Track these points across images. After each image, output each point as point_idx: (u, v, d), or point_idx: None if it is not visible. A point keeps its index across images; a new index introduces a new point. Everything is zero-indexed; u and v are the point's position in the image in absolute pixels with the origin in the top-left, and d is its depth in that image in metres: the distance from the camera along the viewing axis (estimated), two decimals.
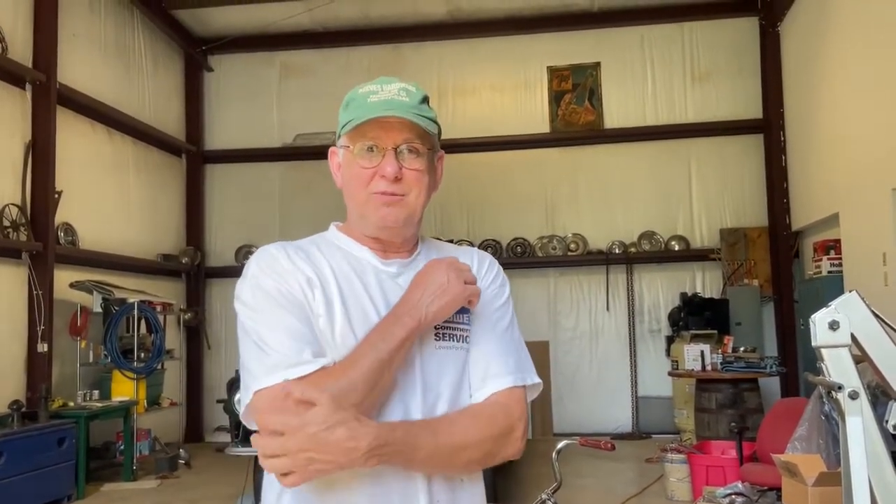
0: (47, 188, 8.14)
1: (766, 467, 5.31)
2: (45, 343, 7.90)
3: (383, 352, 1.38)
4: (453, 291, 1.46)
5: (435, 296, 1.44)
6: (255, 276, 1.47)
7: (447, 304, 1.45)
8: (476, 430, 1.43)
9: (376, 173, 1.47)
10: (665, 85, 11.32)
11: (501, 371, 1.52)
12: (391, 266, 1.55)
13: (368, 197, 1.49)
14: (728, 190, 11.10)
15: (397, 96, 1.49)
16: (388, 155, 1.47)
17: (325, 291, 1.46)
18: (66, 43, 8.80)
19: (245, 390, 1.40)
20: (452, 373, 1.50)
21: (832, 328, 1.73)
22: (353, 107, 1.51)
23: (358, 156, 1.49)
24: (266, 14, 10.84)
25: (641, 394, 10.94)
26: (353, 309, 1.46)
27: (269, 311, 1.43)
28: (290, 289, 1.44)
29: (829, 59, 8.54)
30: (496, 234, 11.38)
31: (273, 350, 1.38)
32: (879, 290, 6.82)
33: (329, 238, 1.60)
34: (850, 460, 1.74)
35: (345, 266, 1.52)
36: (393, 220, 1.49)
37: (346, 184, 1.55)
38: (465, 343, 1.53)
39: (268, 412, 1.28)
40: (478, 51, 11.68)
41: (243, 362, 1.43)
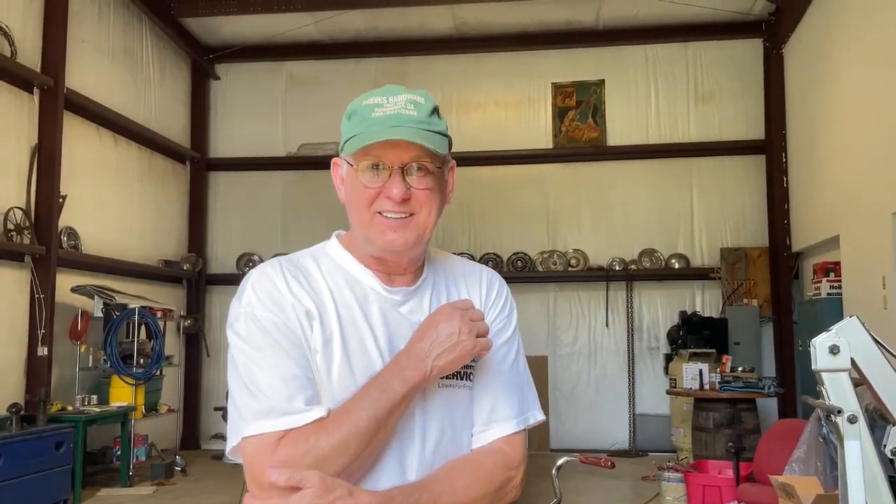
0: (52, 192, 8.17)
1: (762, 488, 5.31)
2: (45, 347, 7.91)
3: (382, 408, 1.30)
4: (465, 348, 1.36)
5: (444, 349, 1.34)
6: (250, 304, 1.37)
7: (455, 361, 1.36)
8: (477, 486, 1.38)
9: (381, 193, 1.38)
10: (668, 104, 11.38)
11: (506, 414, 1.46)
12: (396, 294, 1.45)
13: (373, 218, 1.39)
14: (729, 209, 11.14)
15: (404, 109, 1.37)
16: (394, 175, 1.36)
17: (323, 325, 1.37)
18: (75, 49, 8.86)
19: (233, 429, 1.33)
20: (455, 413, 1.43)
21: (832, 352, 1.76)
22: (356, 120, 1.40)
23: (361, 174, 1.38)
24: (274, 24, 10.91)
25: (639, 411, 10.94)
26: (352, 344, 1.38)
27: (262, 348, 1.33)
28: (287, 322, 1.35)
29: (831, 82, 8.60)
30: (497, 248, 11.41)
31: (263, 394, 1.30)
32: (879, 313, 6.83)
33: (331, 254, 1.50)
34: (848, 484, 1.76)
35: (346, 292, 1.42)
36: (401, 243, 1.39)
37: (349, 200, 1.45)
38: (469, 381, 1.45)
39: (258, 470, 1.26)
40: (483, 66, 11.74)
41: (232, 397, 1.35)
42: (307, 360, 1.35)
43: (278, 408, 1.29)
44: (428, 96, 1.42)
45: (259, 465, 1.27)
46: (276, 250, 11.69)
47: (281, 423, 1.27)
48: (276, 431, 1.27)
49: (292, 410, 1.29)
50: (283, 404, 1.29)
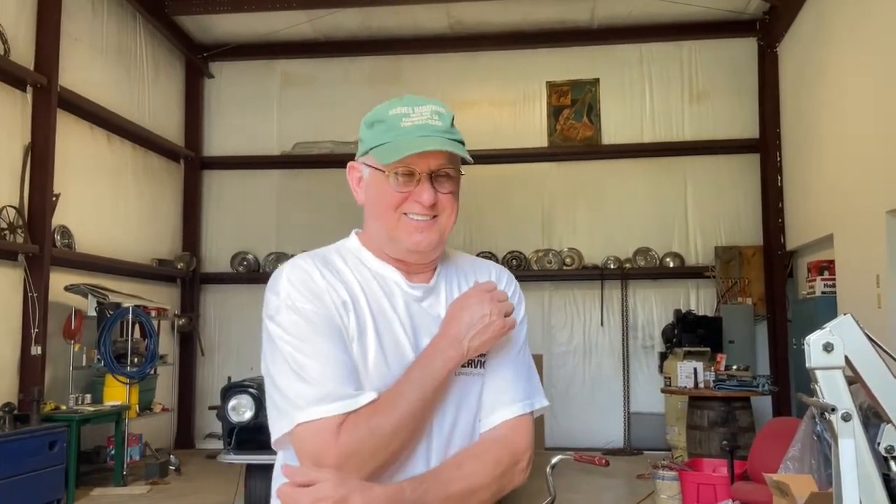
0: (45, 191, 8.14)
1: (756, 486, 5.32)
2: (38, 346, 7.89)
3: (427, 388, 1.39)
4: (496, 327, 1.45)
5: (477, 330, 1.43)
6: (290, 297, 1.42)
7: (488, 341, 1.45)
8: (484, 472, 1.44)
9: (410, 197, 1.47)
10: (663, 103, 11.39)
11: (512, 398, 1.52)
12: (417, 290, 1.53)
13: (400, 219, 1.48)
14: (723, 208, 11.16)
15: (430, 120, 1.48)
16: (423, 181, 1.46)
17: (357, 315, 1.44)
18: (68, 46, 8.83)
19: (280, 419, 1.38)
20: (470, 400, 1.50)
21: (826, 350, 1.76)
22: (384, 129, 1.48)
23: (392, 179, 1.46)
24: (268, 23, 10.89)
25: (634, 410, 10.96)
26: (385, 335, 1.45)
27: (309, 337, 1.39)
28: (327, 312, 1.42)
29: (826, 80, 8.61)
30: (492, 247, 11.40)
31: (316, 381, 1.35)
32: (872, 311, 6.85)
33: (353, 250, 1.56)
34: (842, 482, 1.76)
35: (374, 286, 1.50)
36: (426, 244, 1.48)
37: (373, 203, 1.52)
38: (482, 369, 1.52)
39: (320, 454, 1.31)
40: (477, 64, 11.74)
41: (277, 387, 1.39)
42: (347, 348, 1.41)
43: (333, 393, 1.34)
44: (446, 107, 1.54)
45: (322, 449, 1.32)
46: (271, 249, 11.68)
47: (338, 408, 1.33)
48: (335, 416, 1.32)
49: (347, 395, 1.34)
50: (337, 389, 1.34)
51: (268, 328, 1.43)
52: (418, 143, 1.43)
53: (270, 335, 1.42)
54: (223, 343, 11.65)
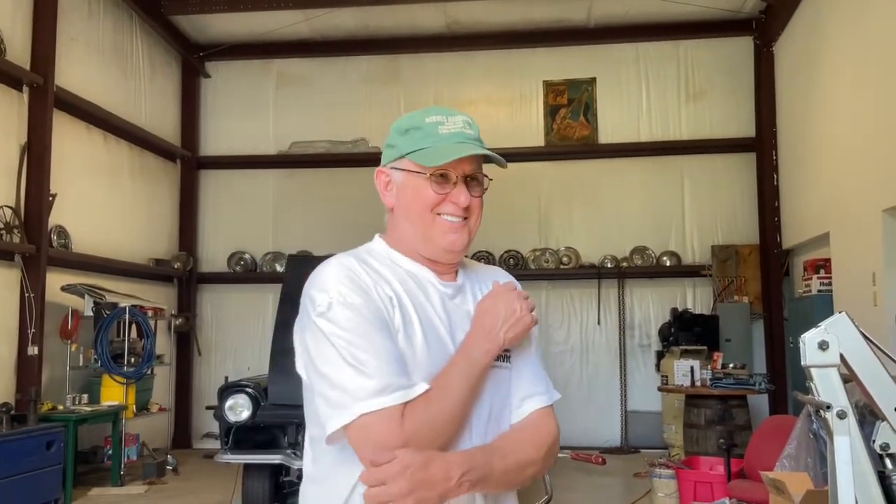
0: (42, 191, 8.13)
1: (753, 484, 5.33)
2: (35, 346, 7.88)
3: (473, 377, 1.48)
4: (525, 322, 1.57)
5: (510, 324, 1.54)
6: (340, 293, 1.48)
7: (519, 334, 1.57)
8: (533, 449, 1.56)
9: (447, 199, 1.58)
10: (659, 102, 11.41)
11: (537, 390, 1.65)
12: (448, 288, 1.63)
13: (435, 220, 1.58)
14: (720, 207, 11.18)
15: (465, 129, 1.61)
16: (459, 184, 1.58)
17: (402, 310, 1.52)
18: (65, 46, 8.82)
19: (338, 411, 1.42)
20: (501, 392, 1.60)
21: (821, 348, 1.76)
22: (422, 135, 1.58)
23: (432, 182, 1.57)
24: (264, 22, 10.88)
25: (631, 408, 10.97)
26: (428, 328, 1.54)
27: (364, 332, 1.45)
28: (377, 307, 1.49)
29: (822, 79, 8.63)
30: (489, 247, 11.41)
31: (375, 373, 1.41)
32: (868, 309, 6.87)
33: (382, 252, 1.64)
34: (838, 479, 1.77)
35: (410, 283, 1.58)
36: (460, 244, 1.60)
37: (407, 205, 1.61)
38: (508, 363, 1.62)
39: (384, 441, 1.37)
40: (474, 64, 11.74)
41: (333, 381, 1.44)
42: (396, 342, 1.48)
43: (393, 384, 1.41)
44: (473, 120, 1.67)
45: (388, 435, 1.38)
46: (268, 249, 11.68)
47: (398, 398, 1.40)
48: (398, 405, 1.40)
49: (405, 386, 1.42)
50: (396, 381, 1.42)
51: (317, 325, 1.47)
52: (460, 149, 1.56)
53: (322, 332, 1.46)
54: (220, 343, 11.64)
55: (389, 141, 1.65)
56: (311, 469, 1.59)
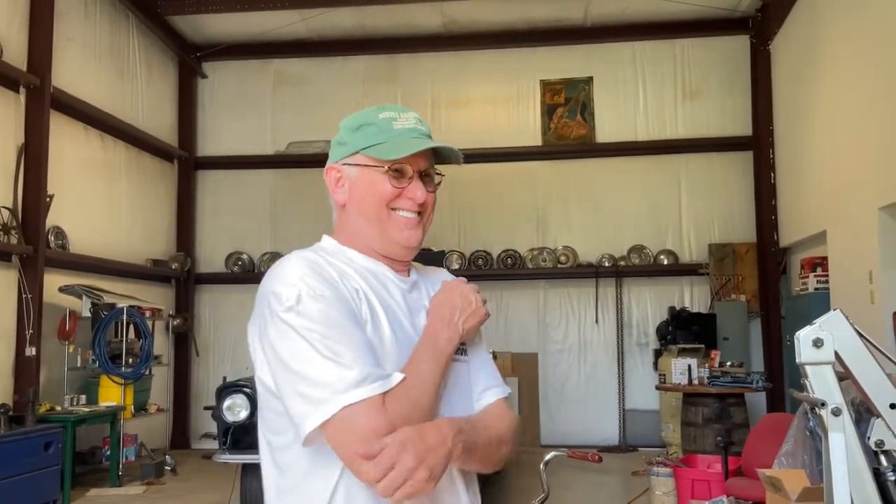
0: (39, 192, 8.13)
1: (750, 482, 5.35)
2: (33, 347, 7.87)
3: (441, 364, 1.49)
4: (481, 313, 1.59)
5: (467, 314, 1.56)
6: (308, 286, 1.44)
7: (476, 325, 1.59)
8: (504, 426, 1.59)
9: (402, 195, 1.57)
10: (656, 100, 11.42)
11: (495, 383, 1.67)
12: (405, 283, 1.63)
13: (391, 216, 1.57)
14: (717, 205, 11.19)
15: (418, 126, 1.60)
16: (415, 179, 1.57)
17: (368, 303, 1.51)
18: (61, 47, 8.81)
19: (317, 407, 1.36)
20: (461, 383, 1.60)
21: (816, 346, 1.77)
22: (376, 131, 1.57)
23: (389, 175, 1.56)
24: (261, 22, 10.88)
25: (629, 407, 10.99)
26: (393, 321, 1.53)
27: (338, 324, 1.42)
28: (346, 298, 1.47)
29: (818, 77, 8.65)
30: (487, 246, 11.42)
31: (353, 364, 1.38)
32: (866, 307, 6.89)
33: (336, 251, 1.61)
34: (833, 476, 1.78)
35: (371, 279, 1.56)
36: (415, 241, 1.60)
37: (361, 201, 1.59)
38: (466, 356, 1.63)
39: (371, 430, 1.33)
40: (471, 63, 11.75)
41: (310, 376, 1.38)
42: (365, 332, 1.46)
43: (373, 374, 1.39)
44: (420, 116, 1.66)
45: (373, 424, 1.35)
46: (265, 249, 11.68)
47: (379, 387, 1.38)
48: (378, 395, 1.37)
49: (384, 375, 1.40)
50: (375, 371, 1.40)
51: (285, 321, 1.41)
52: (420, 143, 1.56)
53: (291, 327, 1.41)
54: (218, 343, 11.64)
55: (339, 139, 1.64)
56: (279, 482, 1.51)
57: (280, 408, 1.45)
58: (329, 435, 1.37)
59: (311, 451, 1.42)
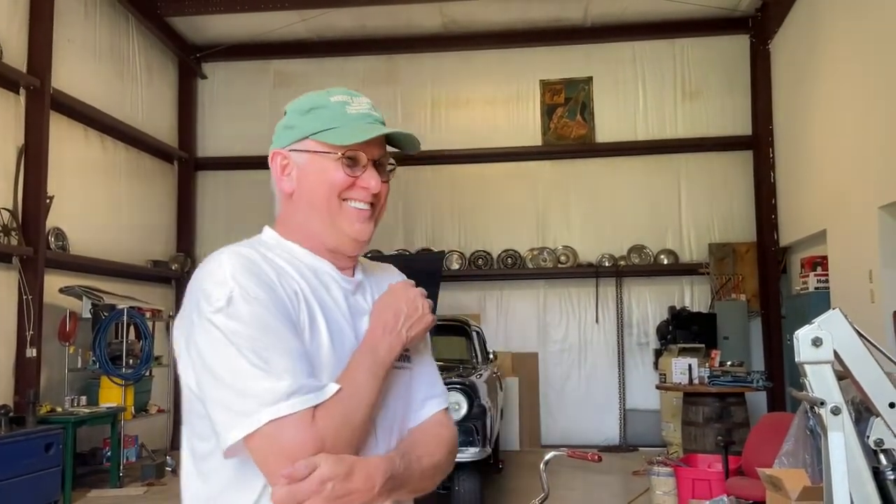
0: (39, 193, 8.13)
1: (751, 481, 5.35)
2: (33, 348, 7.88)
3: (379, 375, 1.38)
4: (427, 320, 1.49)
5: (413, 321, 1.45)
6: (242, 286, 1.32)
7: (422, 331, 1.48)
8: (440, 449, 1.49)
9: (356, 184, 1.45)
10: (656, 100, 11.42)
11: (436, 392, 1.58)
12: (349, 283, 1.51)
13: (343, 207, 1.46)
14: (717, 205, 11.20)
15: (372, 111, 1.49)
16: (370, 167, 1.46)
17: (307, 306, 1.40)
18: (61, 48, 8.81)
19: (239, 419, 1.26)
20: (401, 393, 1.50)
21: (815, 345, 1.77)
22: (328, 115, 1.47)
23: (343, 164, 1.45)
24: (261, 23, 10.88)
25: (629, 406, 10.99)
26: (333, 326, 1.42)
27: (270, 328, 1.30)
28: (282, 301, 1.35)
29: (818, 77, 8.65)
30: (487, 246, 11.43)
31: (284, 374, 1.27)
32: (866, 307, 6.89)
33: (276, 244, 1.50)
34: (832, 475, 1.78)
35: (313, 279, 1.45)
36: (367, 234, 1.49)
37: (311, 190, 1.47)
38: (409, 363, 1.54)
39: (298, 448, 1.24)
40: (471, 63, 11.75)
41: (234, 386, 1.27)
42: (302, 339, 1.35)
43: (305, 385, 1.28)
44: None
45: (301, 442, 1.25)
46: None
47: (310, 400, 1.27)
48: (309, 408, 1.27)
49: (317, 387, 1.29)
50: (308, 381, 1.29)
51: (214, 323, 1.29)
52: (376, 128, 1.45)
53: (219, 330, 1.29)
54: None
55: (287, 122, 1.53)
56: (199, 489, 1.40)
57: (204, 411, 1.34)
58: (252, 448, 1.27)
59: (237, 460, 1.32)
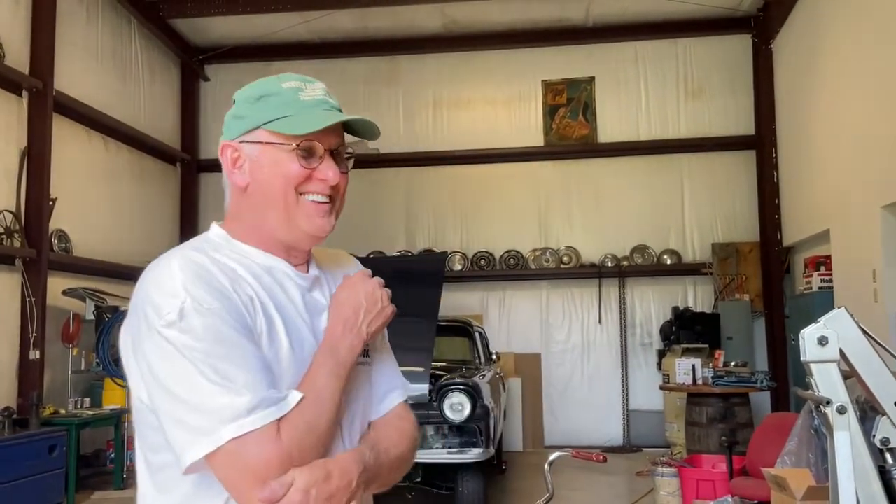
0: (42, 195, 8.13)
1: (755, 481, 5.34)
2: (37, 350, 7.88)
3: (341, 377, 1.33)
4: (387, 313, 1.43)
5: (373, 315, 1.40)
6: (194, 297, 1.25)
7: (381, 326, 1.43)
8: (405, 442, 1.49)
9: (313, 176, 1.37)
10: (658, 100, 11.41)
11: (397, 385, 1.56)
12: (305, 280, 1.44)
13: (300, 201, 1.37)
14: (720, 205, 11.18)
15: (327, 97, 1.41)
16: (327, 158, 1.38)
17: (264, 311, 1.33)
18: (64, 51, 8.82)
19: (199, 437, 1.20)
20: (364, 387, 1.47)
21: (821, 343, 1.77)
22: (280, 103, 1.38)
23: (297, 154, 1.36)
24: (263, 24, 10.89)
25: (632, 407, 10.97)
26: (292, 328, 1.36)
27: (226, 340, 1.24)
28: (238, 310, 1.28)
29: (821, 76, 8.63)
30: (489, 247, 11.42)
31: (244, 388, 1.21)
32: (869, 306, 6.87)
33: (225, 244, 1.42)
34: (838, 474, 1.78)
35: (268, 280, 1.37)
36: (327, 230, 1.41)
37: (265, 183, 1.38)
38: (369, 358, 1.50)
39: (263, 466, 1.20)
40: (473, 64, 11.75)
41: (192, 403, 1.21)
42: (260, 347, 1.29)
43: (267, 398, 1.23)
44: None
45: (267, 458, 1.20)
46: None
47: (273, 414, 1.22)
48: (273, 422, 1.22)
49: (278, 398, 1.24)
50: (269, 394, 1.23)
51: (165, 338, 1.23)
52: (333, 116, 1.37)
53: (171, 345, 1.22)
54: None
55: (236, 112, 1.44)
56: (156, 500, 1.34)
57: (157, 423, 1.27)
58: (216, 466, 1.22)
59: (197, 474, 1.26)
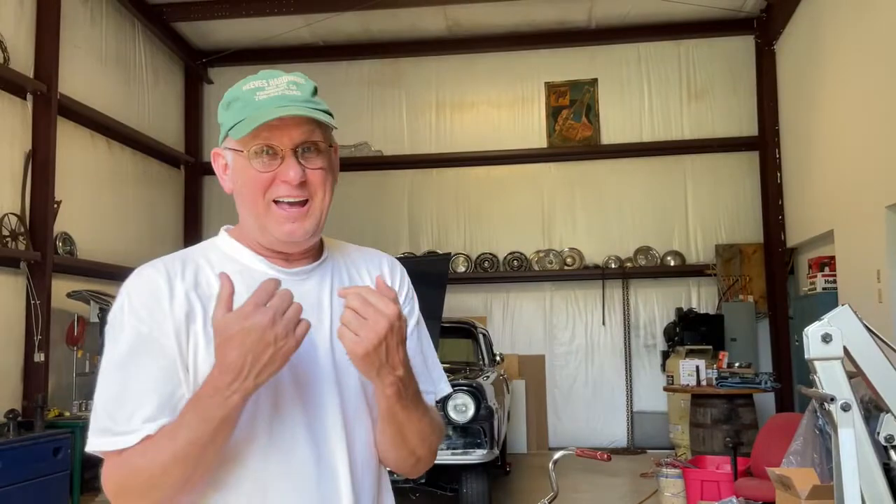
0: (47, 198, 8.15)
1: (760, 482, 5.33)
2: (41, 352, 7.90)
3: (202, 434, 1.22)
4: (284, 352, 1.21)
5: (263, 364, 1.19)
6: (121, 310, 1.32)
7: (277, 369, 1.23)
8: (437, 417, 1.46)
9: (276, 178, 1.33)
10: (661, 102, 11.41)
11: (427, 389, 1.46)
12: (296, 275, 1.40)
13: (268, 207, 1.34)
14: (723, 206, 11.17)
15: (287, 91, 1.35)
16: (288, 157, 1.32)
17: (206, 320, 1.30)
18: (68, 54, 8.84)
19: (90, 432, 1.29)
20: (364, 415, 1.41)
21: (825, 341, 1.77)
22: (239, 106, 1.35)
23: (253, 160, 1.33)
24: (267, 27, 10.91)
25: (636, 408, 10.96)
26: None
27: (119, 359, 1.29)
28: (153, 331, 1.29)
29: (824, 77, 8.63)
30: (493, 248, 11.42)
31: (103, 411, 1.27)
32: (873, 306, 6.86)
33: (221, 247, 1.44)
34: (842, 471, 1.78)
35: (239, 286, 1.26)
36: (301, 234, 1.35)
37: (239, 190, 1.38)
38: None
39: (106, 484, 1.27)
40: (476, 66, 11.76)
41: (96, 392, 1.30)
42: (168, 370, 1.28)
43: (111, 429, 1.25)
44: (307, 78, 1.41)
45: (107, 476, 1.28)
46: None
47: (109, 444, 1.25)
48: (113, 451, 1.26)
49: (124, 431, 1.25)
50: (116, 425, 1.25)
51: (105, 341, 1.34)
52: (269, 113, 1.30)
53: (107, 338, 1.33)
54: None
55: (218, 117, 1.43)
56: None
57: None
58: None
59: None
